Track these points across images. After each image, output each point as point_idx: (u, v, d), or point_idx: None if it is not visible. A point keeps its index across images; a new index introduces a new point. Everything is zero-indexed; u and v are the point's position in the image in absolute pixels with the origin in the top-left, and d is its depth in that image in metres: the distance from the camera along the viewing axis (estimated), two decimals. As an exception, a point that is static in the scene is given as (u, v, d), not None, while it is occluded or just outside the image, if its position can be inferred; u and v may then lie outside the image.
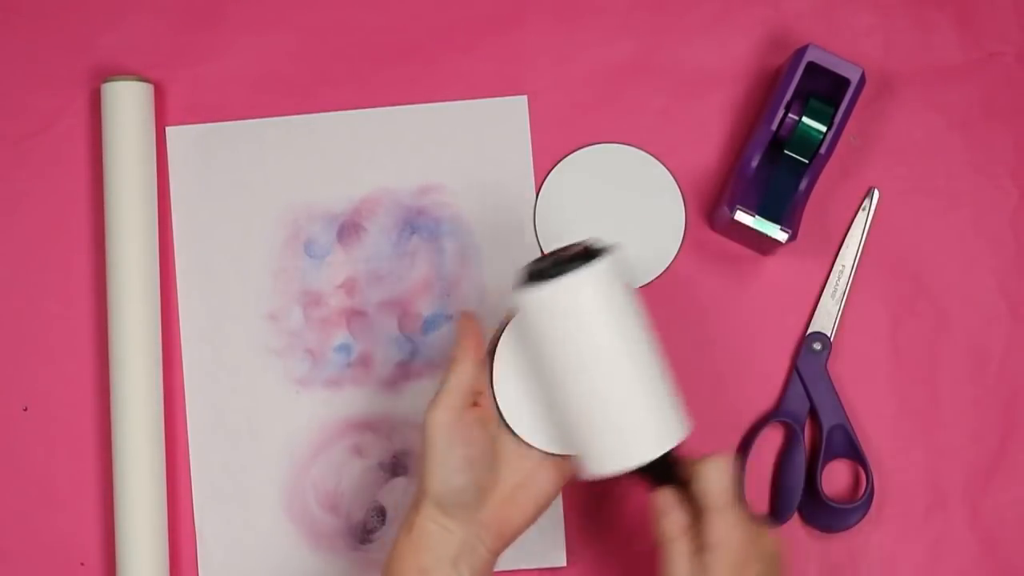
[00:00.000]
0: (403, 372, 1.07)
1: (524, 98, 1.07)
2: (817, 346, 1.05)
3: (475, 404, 0.92)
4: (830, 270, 1.07)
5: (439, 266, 1.07)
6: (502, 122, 1.07)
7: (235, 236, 1.07)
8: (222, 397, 1.06)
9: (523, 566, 1.05)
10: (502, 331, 0.94)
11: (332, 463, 1.06)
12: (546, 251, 1.06)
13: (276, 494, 1.06)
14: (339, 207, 1.07)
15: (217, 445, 1.06)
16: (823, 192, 1.06)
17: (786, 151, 1.02)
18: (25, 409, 1.07)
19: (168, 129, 1.07)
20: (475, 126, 1.07)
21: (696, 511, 0.90)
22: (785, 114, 1.01)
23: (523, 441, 0.93)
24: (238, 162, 1.08)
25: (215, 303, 1.07)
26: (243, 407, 1.06)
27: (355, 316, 1.07)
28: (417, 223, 1.07)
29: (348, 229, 1.07)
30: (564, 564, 1.05)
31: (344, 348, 1.07)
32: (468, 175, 1.07)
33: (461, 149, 1.07)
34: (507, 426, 0.93)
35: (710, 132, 1.08)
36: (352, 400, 1.06)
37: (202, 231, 1.07)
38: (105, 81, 1.05)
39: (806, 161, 1.02)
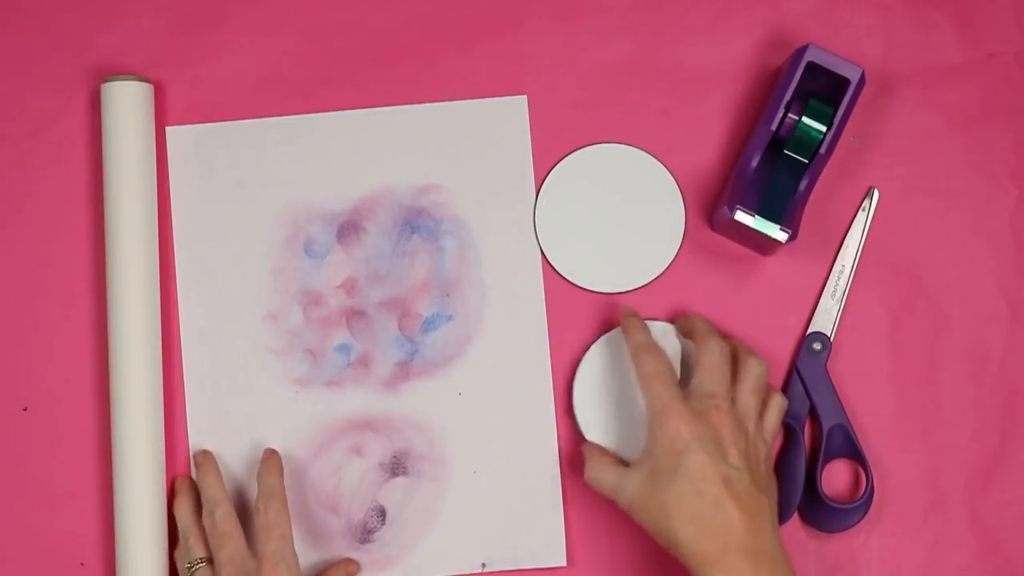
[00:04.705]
0: (403, 372, 1.07)
1: (524, 98, 1.07)
2: (817, 346, 1.05)
3: None
4: (830, 270, 1.07)
5: (439, 266, 1.07)
6: (502, 122, 1.07)
7: (235, 236, 1.07)
8: (222, 397, 1.06)
9: (523, 566, 1.05)
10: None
11: (332, 463, 1.06)
12: (546, 251, 1.07)
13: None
14: (339, 207, 1.07)
15: (217, 445, 1.06)
16: (823, 192, 1.06)
17: (786, 151, 1.02)
18: (25, 409, 1.07)
19: (168, 129, 1.07)
20: (475, 126, 1.07)
21: None
22: (785, 114, 1.01)
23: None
24: (238, 162, 1.07)
25: (215, 303, 1.07)
26: (243, 407, 1.06)
27: (355, 316, 1.07)
28: (417, 223, 1.07)
29: (348, 229, 1.07)
30: (564, 564, 1.05)
31: (344, 348, 1.07)
32: (468, 175, 1.07)
33: (461, 149, 1.07)
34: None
35: (710, 132, 1.08)
36: (352, 400, 1.06)
37: (202, 231, 1.07)
38: (105, 81, 1.05)
39: (806, 161, 1.02)
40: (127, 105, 1.05)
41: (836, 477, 1.06)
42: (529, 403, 1.06)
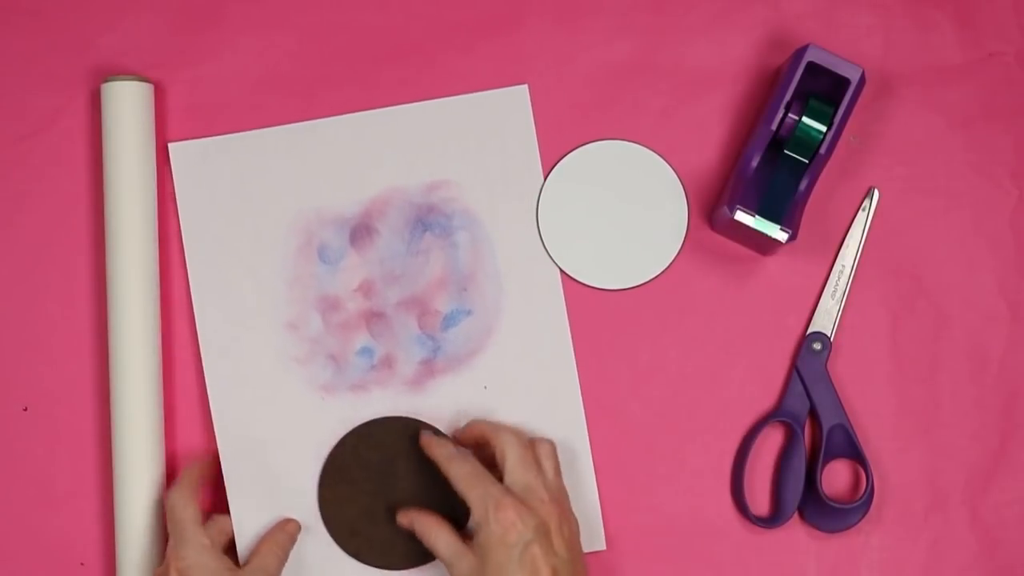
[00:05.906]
0: (427, 370, 1.06)
1: (525, 87, 1.07)
2: (817, 346, 1.06)
3: None
4: (830, 270, 1.07)
5: (454, 261, 1.07)
6: (505, 112, 1.07)
7: (247, 248, 1.07)
8: (248, 410, 1.06)
9: None
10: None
11: (364, 468, 1.06)
12: (550, 249, 1.07)
13: (310, 503, 1.05)
14: (349, 210, 1.07)
15: (248, 458, 1.05)
16: (823, 192, 1.06)
17: (786, 151, 1.02)
18: (25, 409, 1.07)
19: (171, 145, 1.07)
20: (478, 119, 1.07)
21: None
22: (785, 114, 1.01)
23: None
24: (244, 173, 1.07)
25: (232, 316, 1.06)
26: (270, 418, 1.06)
27: (374, 318, 1.07)
28: (428, 220, 1.07)
29: (360, 231, 1.07)
30: (604, 547, 1.05)
31: (366, 351, 1.07)
32: (476, 168, 1.07)
33: (467, 143, 1.07)
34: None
35: (710, 132, 1.08)
36: (379, 402, 1.06)
37: (214, 245, 1.07)
38: (105, 81, 1.05)
39: (806, 161, 1.02)
40: (127, 105, 1.05)
41: (836, 477, 1.06)
42: (555, 390, 1.05)
